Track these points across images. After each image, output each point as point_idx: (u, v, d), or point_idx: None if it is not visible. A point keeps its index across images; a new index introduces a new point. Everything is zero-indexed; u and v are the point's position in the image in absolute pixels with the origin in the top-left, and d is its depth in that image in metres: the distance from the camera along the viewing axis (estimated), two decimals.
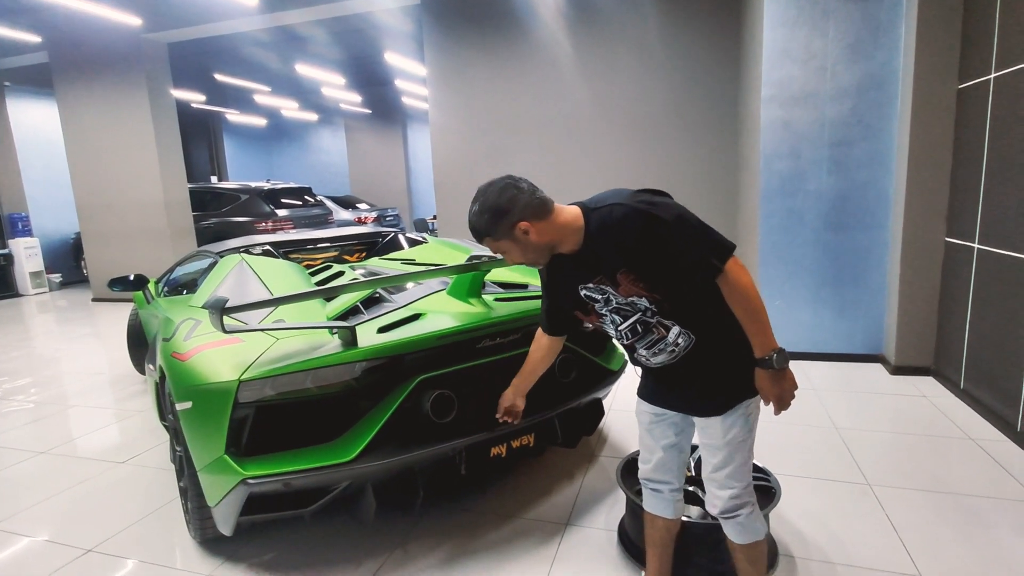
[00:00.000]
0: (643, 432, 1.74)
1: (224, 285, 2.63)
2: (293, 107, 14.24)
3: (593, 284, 1.53)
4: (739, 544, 1.60)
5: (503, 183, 1.51)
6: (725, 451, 1.53)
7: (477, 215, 1.51)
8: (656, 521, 1.77)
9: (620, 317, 1.54)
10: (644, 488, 1.78)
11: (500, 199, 1.48)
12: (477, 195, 1.52)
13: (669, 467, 1.71)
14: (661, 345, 1.53)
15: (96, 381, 4.54)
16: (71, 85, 7.92)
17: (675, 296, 1.46)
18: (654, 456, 1.72)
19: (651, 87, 5.87)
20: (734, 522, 1.57)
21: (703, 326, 1.49)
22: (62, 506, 2.65)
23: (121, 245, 8.13)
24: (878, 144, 3.91)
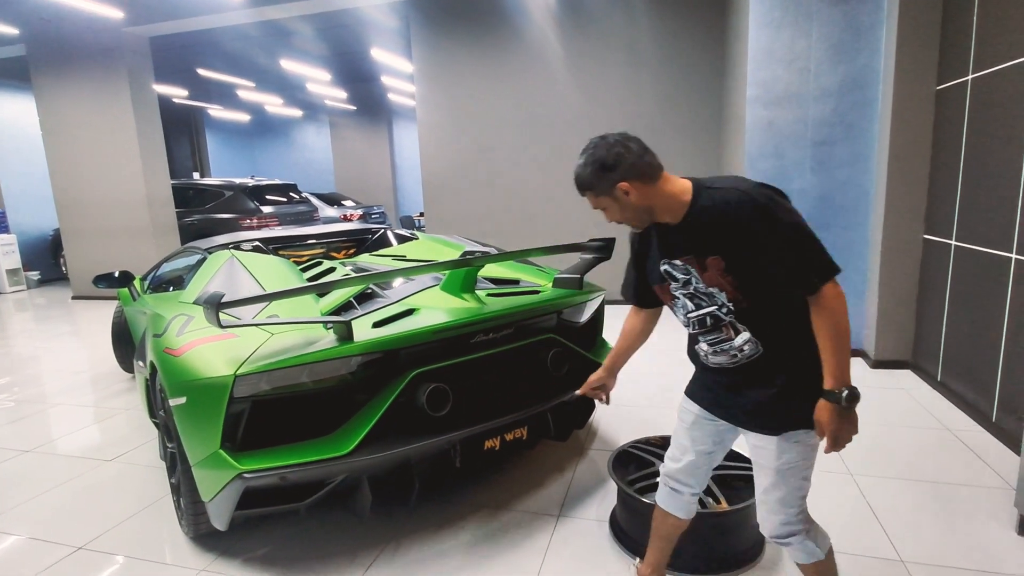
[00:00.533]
0: (681, 430, 1.69)
1: (214, 281, 2.62)
2: (277, 103, 14.10)
3: (680, 262, 1.46)
4: (803, 564, 1.55)
5: (614, 139, 1.44)
6: (776, 475, 1.45)
7: (582, 167, 1.46)
8: (668, 518, 1.76)
9: (692, 304, 1.50)
10: (663, 484, 1.74)
11: (607, 155, 1.42)
12: (587, 147, 1.47)
13: (696, 472, 1.68)
14: (725, 346, 1.47)
15: (79, 379, 4.48)
16: (50, 79, 7.77)
17: (758, 300, 1.39)
18: (685, 457, 1.67)
19: (639, 86, 5.94)
20: (789, 547, 1.52)
21: (775, 340, 1.42)
22: (50, 504, 2.63)
23: (102, 242, 8.00)
24: (859, 144, 4.01)
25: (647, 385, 3.82)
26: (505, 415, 2.17)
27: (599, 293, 2.83)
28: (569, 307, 2.61)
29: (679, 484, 1.70)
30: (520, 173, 6.47)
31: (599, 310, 2.87)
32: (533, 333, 2.42)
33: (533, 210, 6.50)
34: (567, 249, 2.62)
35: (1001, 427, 2.87)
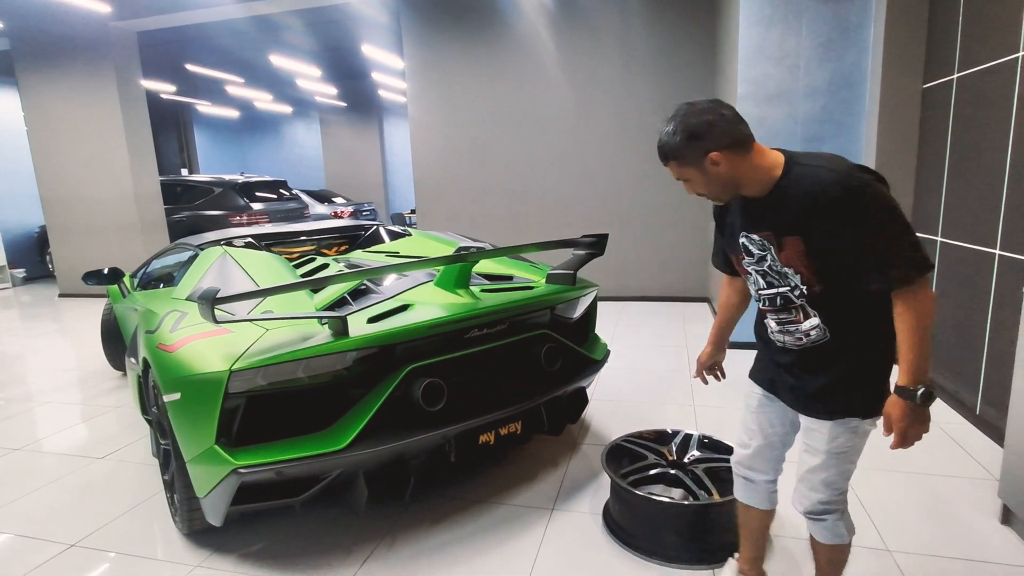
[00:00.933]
0: (748, 415, 1.65)
1: (207, 277, 2.61)
2: (267, 99, 13.99)
3: (758, 236, 1.41)
4: (821, 544, 1.56)
5: (706, 105, 1.34)
6: (825, 457, 1.44)
7: (670, 135, 1.36)
8: (750, 511, 1.72)
9: (764, 282, 1.46)
10: (736, 475, 1.71)
11: (699, 121, 1.32)
12: (675, 113, 1.37)
13: (767, 457, 1.64)
14: (792, 328, 1.44)
15: (67, 378, 4.44)
16: (35, 74, 7.66)
17: (833, 287, 1.35)
18: (754, 442, 1.64)
19: (631, 84, 5.96)
20: (819, 524, 1.52)
21: (844, 329, 1.38)
22: (41, 502, 2.61)
23: (89, 239, 7.91)
24: (848, 141, 4.05)
25: (639, 380, 3.86)
26: (499, 410, 2.19)
27: (592, 289, 2.85)
28: (562, 303, 2.63)
29: (752, 472, 1.67)
30: (512, 171, 6.49)
31: (592, 306, 2.89)
32: (527, 328, 2.44)
33: (525, 208, 6.52)
34: (560, 245, 2.64)
35: (985, 420, 2.93)
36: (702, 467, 2.20)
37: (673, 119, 1.37)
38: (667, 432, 2.44)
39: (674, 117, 1.37)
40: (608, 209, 6.25)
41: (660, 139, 1.40)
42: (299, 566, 2.09)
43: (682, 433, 2.42)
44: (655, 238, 6.17)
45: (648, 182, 6.09)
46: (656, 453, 2.32)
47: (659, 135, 1.40)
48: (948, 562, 1.98)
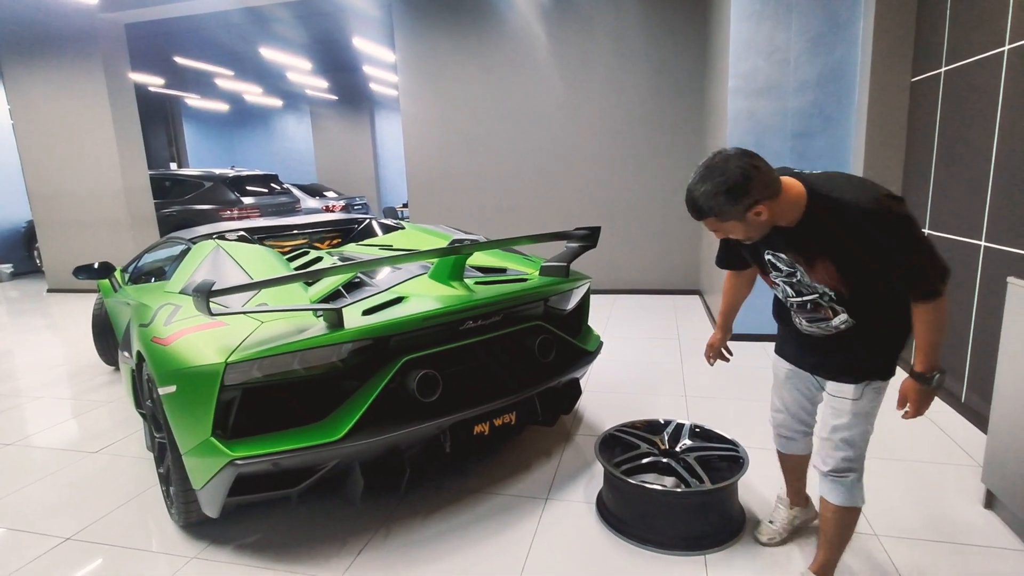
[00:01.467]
0: (778, 384, 1.85)
1: (200, 271, 2.61)
2: (257, 92, 13.87)
3: (786, 256, 1.52)
4: (835, 505, 1.63)
5: (743, 162, 1.35)
6: (850, 418, 1.59)
7: (711, 196, 1.37)
8: (790, 458, 1.98)
9: (793, 291, 1.59)
10: (776, 434, 1.94)
11: (737, 178, 1.34)
12: (711, 171, 1.37)
13: (800, 418, 1.85)
14: (823, 324, 1.60)
15: (58, 373, 4.41)
16: (21, 66, 7.56)
17: (861, 291, 1.48)
18: (786, 407, 1.85)
19: (623, 77, 5.98)
20: (839, 483, 1.62)
21: (869, 316, 1.53)
22: (35, 497, 2.61)
23: (78, 234, 7.84)
24: (837, 135, 4.10)
25: (632, 371, 3.89)
26: (494, 401, 2.21)
27: (585, 281, 2.87)
28: (556, 294, 2.65)
29: (790, 431, 1.89)
30: (505, 164, 6.49)
31: (585, 298, 2.91)
32: (521, 320, 2.46)
33: (518, 201, 6.53)
34: (554, 237, 2.66)
35: (970, 408, 2.99)
36: (694, 455, 2.23)
37: (710, 178, 1.37)
38: (659, 422, 2.47)
39: (711, 176, 1.37)
40: (600, 202, 6.27)
41: (695, 197, 1.41)
42: (295, 557, 2.11)
43: (674, 423, 2.45)
44: (647, 231, 6.21)
45: (639, 175, 6.12)
46: (648, 442, 2.35)
47: (690, 191, 1.41)
48: (933, 545, 2.03)
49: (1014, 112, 2.67)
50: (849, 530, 1.69)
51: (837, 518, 1.66)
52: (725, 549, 2.06)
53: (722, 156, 1.38)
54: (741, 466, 2.15)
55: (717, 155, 1.39)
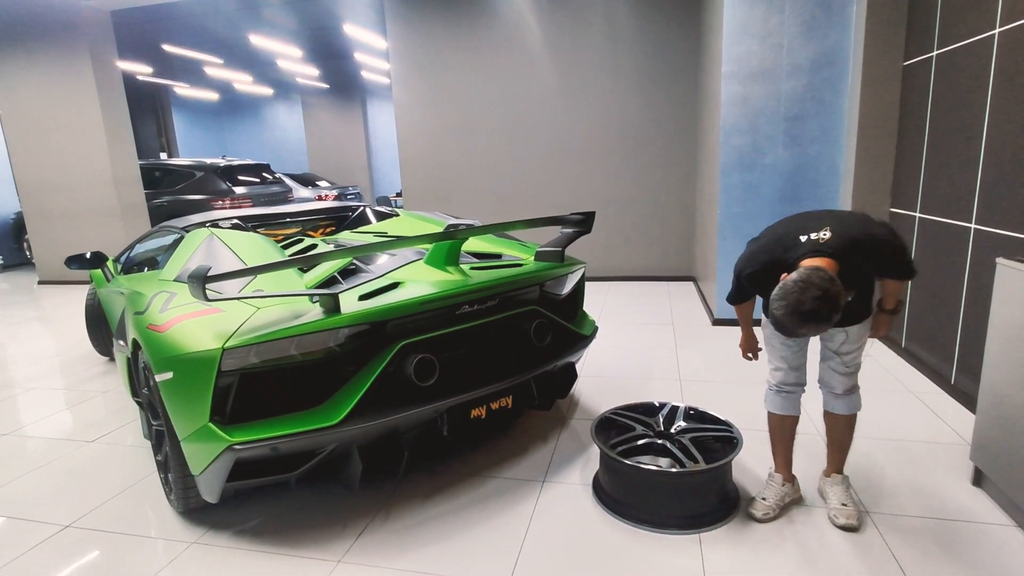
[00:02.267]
0: (777, 345, 2.13)
1: (194, 259, 2.60)
2: (247, 81, 13.72)
3: None
4: (844, 415, 2.13)
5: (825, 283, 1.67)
6: (856, 349, 2.05)
7: (831, 309, 1.66)
8: (786, 421, 2.19)
9: None
10: (776, 394, 2.18)
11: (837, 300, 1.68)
12: (822, 308, 1.66)
13: (797, 375, 2.15)
14: None
15: (51, 364, 4.40)
16: (5, 56, 7.44)
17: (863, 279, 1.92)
18: (786, 365, 2.14)
19: (616, 63, 5.95)
20: (849, 398, 2.11)
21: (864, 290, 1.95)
22: (33, 486, 2.61)
23: (68, 225, 7.77)
24: (830, 119, 4.11)
25: (627, 356, 3.92)
26: (490, 384, 2.23)
27: (579, 266, 2.89)
28: (551, 279, 2.66)
29: (791, 386, 2.16)
30: (498, 151, 6.47)
31: (580, 283, 2.93)
32: (517, 305, 2.47)
33: (512, 188, 6.52)
34: (549, 222, 2.67)
35: (959, 388, 3.03)
36: (689, 436, 2.26)
37: (823, 299, 1.65)
38: (654, 404, 2.50)
39: (822, 296, 1.65)
40: (594, 188, 6.27)
41: (824, 316, 1.67)
42: (295, 541, 2.12)
43: (669, 405, 2.48)
44: (641, 218, 6.22)
45: (633, 162, 6.12)
46: (644, 425, 2.38)
47: (815, 318, 1.67)
48: (923, 522, 2.07)
49: (1005, 95, 2.68)
50: (852, 430, 2.17)
51: (849, 425, 2.15)
52: (720, 527, 2.09)
53: (813, 294, 1.66)
54: (735, 446, 2.19)
55: (808, 288, 1.66)
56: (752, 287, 2.02)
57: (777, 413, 2.19)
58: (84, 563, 2.06)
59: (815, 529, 2.06)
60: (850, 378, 2.10)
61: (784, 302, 1.66)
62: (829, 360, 2.11)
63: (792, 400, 2.17)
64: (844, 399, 2.11)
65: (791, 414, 2.18)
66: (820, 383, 2.17)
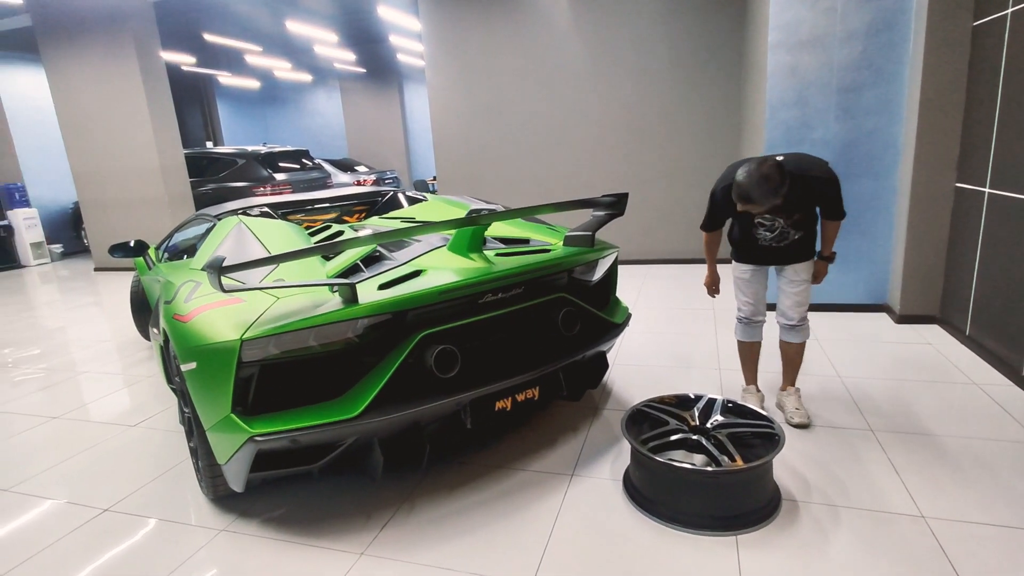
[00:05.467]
0: (744, 284, 2.64)
1: (223, 247, 2.61)
2: (286, 68, 13.89)
3: (769, 216, 2.41)
4: (797, 343, 2.65)
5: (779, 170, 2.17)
6: (804, 284, 2.55)
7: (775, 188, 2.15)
8: (753, 346, 2.76)
9: (771, 234, 2.47)
10: (744, 326, 2.71)
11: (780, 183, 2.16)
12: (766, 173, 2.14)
13: (760, 307, 2.67)
14: (784, 241, 2.48)
15: (102, 348, 4.57)
16: (57, 49, 7.72)
17: (807, 221, 2.45)
18: (752, 299, 2.65)
19: (651, 36, 5.69)
20: (800, 328, 2.60)
21: (808, 231, 2.49)
22: (77, 469, 2.70)
23: (120, 213, 8.07)
24: (888, 89, 3.80)
25: (664, 344, 3.77)
26: (515, 376, 2.15)
27: (612, 251, 2.76)
28: (580, 265, 2.55)
29: (755, 318, 2.69)
30: (533, 132, 6.32)
31: (612, 268, 2.80)
32: (543, 292, 2.37)
33: (547, 169, 6.37)
34: (578, 205, 2.54)
35: None
36: (725, 432, 2.13)
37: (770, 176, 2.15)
38: (689, 397, 2.37)
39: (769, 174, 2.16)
40: (632, 168, 6.06)
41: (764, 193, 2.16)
42: (319, 531, 2.12)
43: (705, 398, 2.35)
44: (681, 198, 5.97)
45: (673, 139, 5.87)
46: (678, 418, 2.26)
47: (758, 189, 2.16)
48: (984, 529, 1.89)
49: None
50: (801, 356, 2.71)
51: (801, 351, 2.69)
52: (758, 530, 1.96)
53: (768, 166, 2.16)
54: (776, 443, 2.04)
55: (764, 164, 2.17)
56: (723, 203, 2.44)
57: (745, 340, 2.75)
58: (119, 549, 2.11)
59: (859, 534, 1.91)
60: (800, 309, 2.57)
61: (746, 169, 2.18)
62: (784, 294, 2.60)
63: (755, 329, 2.73)
64: (796, 330, 2.61)
65: (756, 340, 2.75)
66: (777, 314, 2.66)
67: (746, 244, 2.57)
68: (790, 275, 2.54)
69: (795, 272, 2.53)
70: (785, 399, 2.72)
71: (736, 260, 2.65)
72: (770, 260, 2.56)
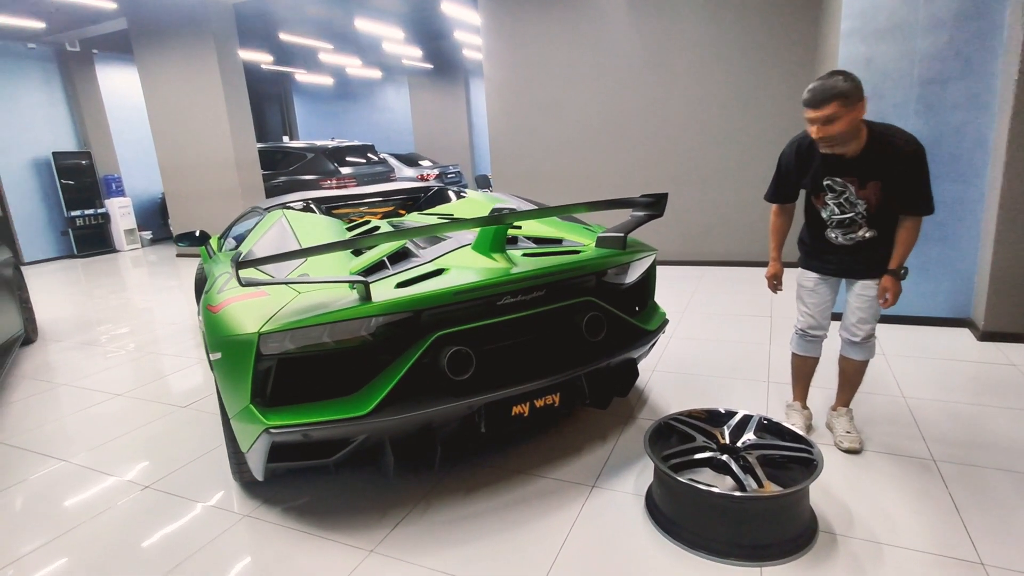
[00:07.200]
0: (806, 294, 2.42)
1: (264, 239, 2.69)
2: (356, 65, 14.30)
3: (842, 179, 2.16)
4: (859, 360, 2.40)
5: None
6: (873, 302, 2.28)
7: (841, 79, 1.95)
8: (808, 361, 2.53)
9: (839, 210, 2.22)
10: (801, 338, 2.49)
11: (858, 78, 1.97)
12: (832, 73, 1.99)
13: (823, 319, 2.43)
14: (852, 235, 2.24)
15: (172, 330, 4.88)
16: (148, 50, 8.30)
17: (881, 212, 2.15)
18: (815, 311, 2.41)
19: (717, 27, 5.40)
20: (865, 346, 2.36)
21: (883, 231, 2.20)
22: (131, 445, 2.88)
23: (199, 203, 8.61)
24: (978, 81, 3.41)
25: (712, 351, 3.58)
26: (533, 380, 2.08)
27: (648, 253, 2.63)
28: (610, 267, 2.44)
29: (815, 331, 2.45)
30: (589, 127, 6.18)
31: (649, 271, 2.67)
32: (569, 295, 2.28)
33: (602, 165, 6.21)
34: (613, 205, 2.42)
35: None
36: (756, 454, 1.97)
37: (838, 73, 1.98)
38: (720, 412, 2.22)
39: (838, 72, 1.99)
40: (691, 166, 5.80)
41: (829, 84, 1.97)
42: (336, 523, 2.14)
43: (739, 414, 2.19)
44: (741, 199, 5.66)
45: (736, 136, 5.56)
46: (706, 435, 2.12)
47: (824, 82, 1.98)
48: None
49: None
50: (862, 374, 2.45)
51: (862, 369, 2.43)
52: (788, 563, 1.81)
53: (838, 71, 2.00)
54: (814, 469, 1.87)
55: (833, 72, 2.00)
56: (790, 161, 2.31)
57: (800, 354, 2.52)
58: (151, 526, 2.22)
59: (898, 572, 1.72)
60: (866, 326, 2.32)
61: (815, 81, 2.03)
62: (851, 307, 2.34)
63: (813, 344, 2.48)
64: (859, 347, 2.36)
65: (812, 355, 2.51)
66: (841, 327, 2.40)
67: (814, 244, 2.36)
68: (859, 289, 2.30)
69: (865, 287, 2.28)
70: (835, 420, 2.49)
71: (802, 267, 2.43)
72: (839, 269, 2.32)
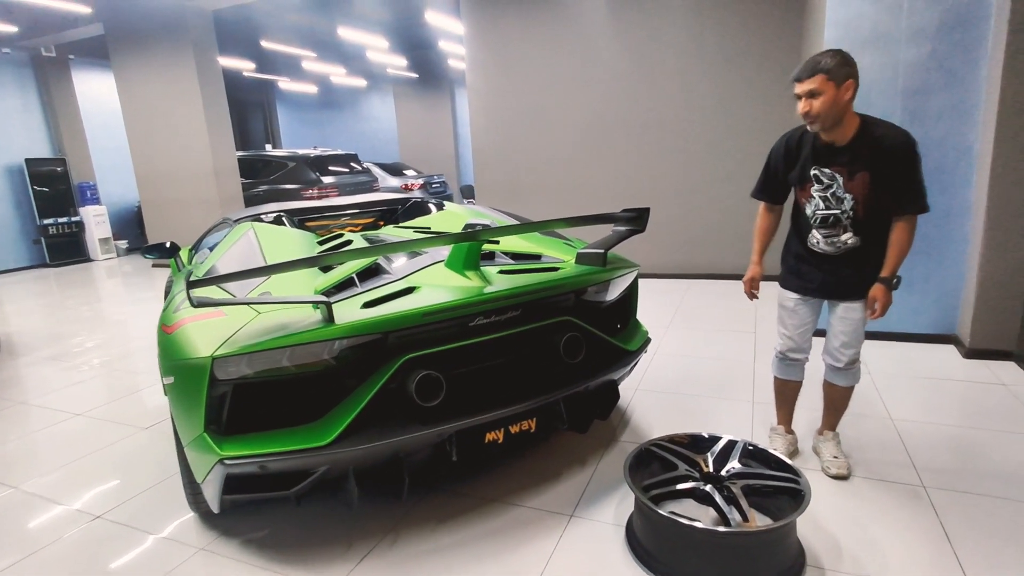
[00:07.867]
0: (786, 315, 2.30)
1: (229, 254, 2.55)
2: (341, 73, 14.19)
3: (829, 170, 2.03)
4: (843, 387, 2.29)
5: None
6: (858, 325, 2.16)
7: (828, 56, 1.88)
8: (789, 384, 2.43)
9: (824, 204, 2.08)
10: (781, 361, 2.38)
11: (848, 57, 1.89)
12: (826, 50, 1.92)
13: (804, 343, 2.31)
14: (834, 239, 2.10)
15: (142, 344, 4.70)
16: (125, 55, 8.13)
17: (869, 213, 2.01)
18: (794, 332, 2.29)
19: (699, 36, 5.37)
20: (849, 372, 2.24)
21: (871, 239, 2.06)
22: (85, 470, 2.71)
23: (176, 212, 8.41)
24: (961, 92, 3.39)
25: (696, 369, 3.49)
26: (508, 406, 1.96)
27: (630, 270, 2.54)
28: (589, 285, 2.34)
29: (795, 354, 2.34)
30: (573, 139, 6.11)
31: (631, 288, 2.58)
32: (546, 314, 2.18)
33: (585, 178, 6.15)
34: (594, 221, 2.32)
35: None
36: (741, 484, 1.87)
37: (828, 50, 1.90)
38: (703, 437, 2.12)
39: (832, 50, 1.90)
40: (676, 178, 5.75)
41: (814, 58, 1.89)
42: (297, 558, 2.01)
43: (723, 440, 2.09)
44: (726, 211, 5.61)
45: (721, 147, 5.52)
46: (689, 462, 2.02)
47: (810, 58, 1.91)
48: None
49: None
50: (848, 401, 2.35)
51: (847, 395, 2.33)
52: None
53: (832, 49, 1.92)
54: (801, 500, 1.78)
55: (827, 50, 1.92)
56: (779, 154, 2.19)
57: (781, 378, 2.43)
58: (98, 561, 2.06)
59: None
60: (849, 351, 2.20)
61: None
62: (833, 330, 2.22)
63: (793, 368, 2.39)
64: (844, 373, 2.25)
65: (794, 379, 2.41)
66: (824, 352, 2.28)
67: (796, 255, 2.22)
68: (841, 312, 2.17)
69: (848, 310, 2.15)
70: (822, 445, 2.40)
71: (782, 285, 2.31)
72: (821, 289, 2.19)
